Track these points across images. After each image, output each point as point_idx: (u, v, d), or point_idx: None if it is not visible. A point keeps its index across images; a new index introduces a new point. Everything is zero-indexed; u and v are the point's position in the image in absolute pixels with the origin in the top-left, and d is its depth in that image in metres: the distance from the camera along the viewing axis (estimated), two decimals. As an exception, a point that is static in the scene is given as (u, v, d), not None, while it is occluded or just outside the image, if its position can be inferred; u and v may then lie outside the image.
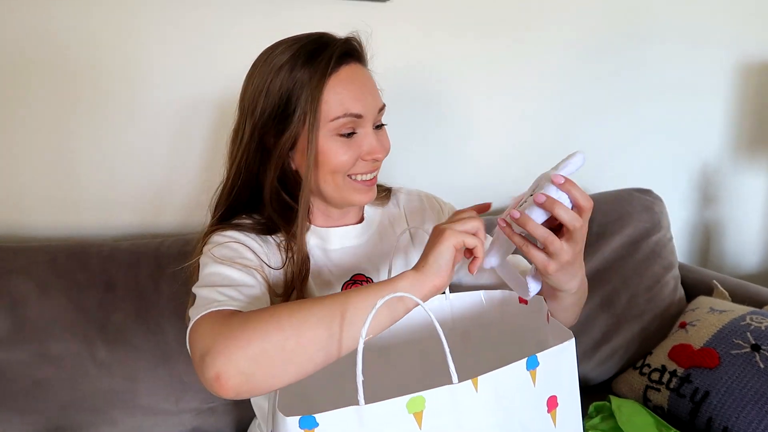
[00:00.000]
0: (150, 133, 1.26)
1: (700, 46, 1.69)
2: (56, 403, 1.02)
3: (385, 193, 0.99)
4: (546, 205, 0.65)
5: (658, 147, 1.73)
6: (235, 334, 0.61)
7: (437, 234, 0.67)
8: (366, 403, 0.54)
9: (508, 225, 0.69)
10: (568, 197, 0.66)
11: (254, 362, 0.59)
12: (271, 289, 0.81)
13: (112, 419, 1.04)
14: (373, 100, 0.82)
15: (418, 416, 0.56)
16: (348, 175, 0.82)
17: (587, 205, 0.66)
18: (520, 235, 0.69)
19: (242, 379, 0.59)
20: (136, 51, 1.22)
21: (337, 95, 0.78)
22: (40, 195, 1.23)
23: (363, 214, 0.95)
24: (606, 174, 1.68)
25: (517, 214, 0.67)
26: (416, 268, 0.66)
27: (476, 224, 0.68)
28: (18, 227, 1.23)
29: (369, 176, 0.83)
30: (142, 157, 1.27)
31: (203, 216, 1.32)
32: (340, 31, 0.85)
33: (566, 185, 0.65)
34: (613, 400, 1.13)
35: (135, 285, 1.09)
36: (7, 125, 1.19)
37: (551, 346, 0.65)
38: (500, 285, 0.93)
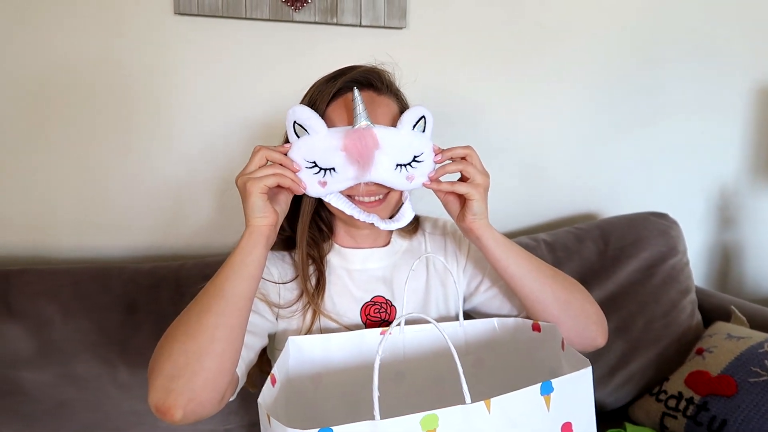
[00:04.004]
0: (172, 158, 1.30)
1: (717, 67, 1.69)
2: (79, 423, 1.04)
3: (413, 225, 1.00)
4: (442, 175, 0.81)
5: (676, 169, 1.73)
6: (151, 368, 0.69)
7: (242, 191, 0.74)
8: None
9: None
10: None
11: (171, 378, 0.66)
12: (271, 306, 0.87)
13: (133, 440, 1.07)
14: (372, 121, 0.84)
15: (431, 434, 0.57)
16: (349, 196, 0.83)
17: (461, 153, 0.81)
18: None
19: (174, 396, 0.65)
20: (161, 79, 1.27)
21: (337, 114, 0.81)
22: (67, 218, 1.27)
23: (391, 239, 0.97)
24: (623, 196, 1.68)
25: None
26: (246, 227, 0.74)
27: (267, 170, 0.73)
28: (44, 250, 1.27)
29: (368, 199, 0.83)
30: (165, 181, 1.31)
31: (224, 238, 1.35)
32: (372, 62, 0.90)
33: (439, 158, 0.80)
34: (629, 427, 1.12)
35: (155, 307, 1.11)
36: (37, 151, 1.23)
37: (565, 374, 0.66)
38: (512, 310, 0.94)
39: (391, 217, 0.86)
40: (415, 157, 0.78)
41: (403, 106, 0.90)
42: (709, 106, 1.72)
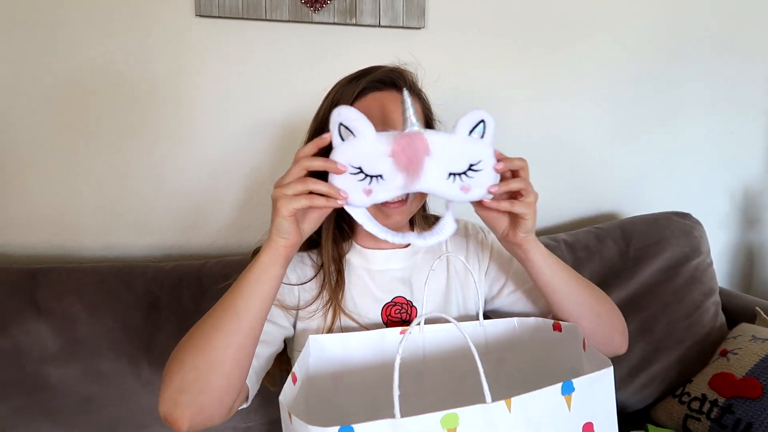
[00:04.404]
0: (194, 158, 1.32)
1: (740, 64, 1.66)
2: (103, 419, 1.06)
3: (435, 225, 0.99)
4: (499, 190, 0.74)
5: (698, 168, 1.70)
6: (163, 376, 0.70)
7: (273, 205, 0.71)
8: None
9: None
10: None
11: (180, 391, 0.68)
12: (288, 309, 0.87)
13: (156, 436, 1.08)
14: (397, 125, 0.84)
15: (452, 432, 0.57)
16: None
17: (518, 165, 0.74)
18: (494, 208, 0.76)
19: (181, 410, 0.67)
20: (183, 80, 1.28)
21: None
22: (92, 218, 1.29)
23: None
24: (645, 195, 1.66)
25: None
26: (268, 240, 0.72)
27: (299, 186, 0.69)
28: (70, 249, 1.29)
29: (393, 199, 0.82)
30: (188, 181, 1.33)
31: (246, 237, 1.36)
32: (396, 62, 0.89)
33: (501, 167, 0.73)
34: (651, 429, 1.11)
35: (178, 305, 1.13)
36: (62, 152, 1.26)
37: (587, 373, 0.66)
38: (535, 313, 0.93)
39: (411, 223, 0.86)
40: (471, 165, 0.71)
41: (425, 107, 0.89)
42: (731, 103, 1.69)
